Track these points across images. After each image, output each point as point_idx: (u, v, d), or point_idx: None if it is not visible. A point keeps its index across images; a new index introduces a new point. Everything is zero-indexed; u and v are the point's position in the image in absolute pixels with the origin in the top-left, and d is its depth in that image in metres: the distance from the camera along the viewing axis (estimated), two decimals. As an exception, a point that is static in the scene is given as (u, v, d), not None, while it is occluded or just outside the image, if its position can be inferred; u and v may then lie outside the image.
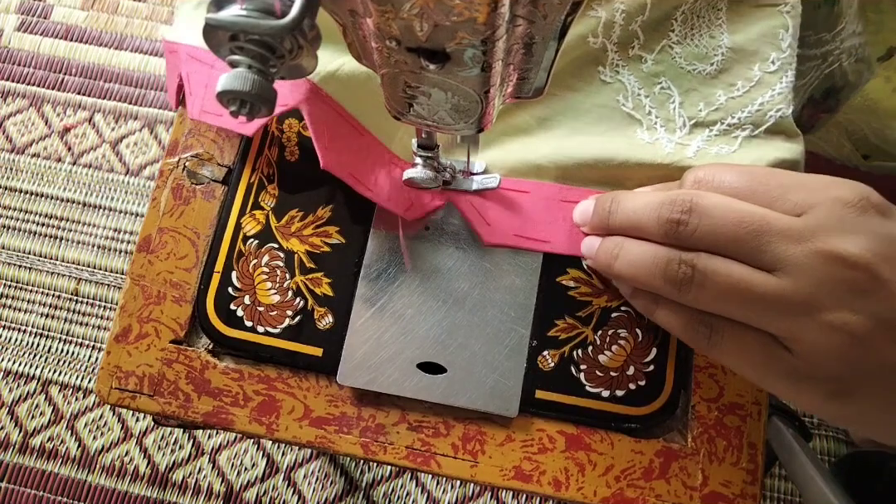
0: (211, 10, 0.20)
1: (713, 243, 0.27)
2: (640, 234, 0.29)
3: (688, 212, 0.27)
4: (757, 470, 0.31)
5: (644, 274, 0.28)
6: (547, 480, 0.31)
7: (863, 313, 0.24)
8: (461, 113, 0.24)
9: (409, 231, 0.34)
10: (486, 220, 0.34)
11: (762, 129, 0.33)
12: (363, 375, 0.32)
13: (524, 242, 0.33)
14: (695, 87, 0.34)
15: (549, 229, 0.33)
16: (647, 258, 0.28)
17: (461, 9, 0.17)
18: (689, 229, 0.27)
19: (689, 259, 0.27)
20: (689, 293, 0.27)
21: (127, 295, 0.34)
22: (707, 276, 0.26)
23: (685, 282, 0.27)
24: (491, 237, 0.33)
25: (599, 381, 0.32)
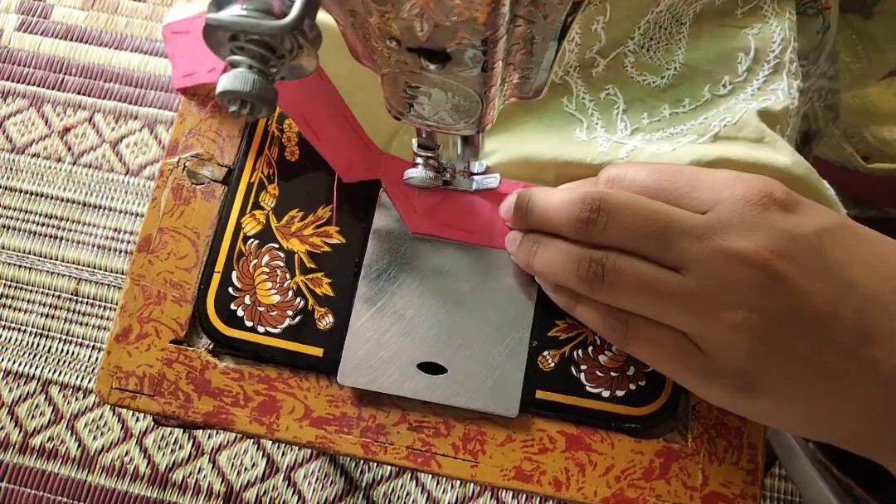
0: (211, 10, 0.20)
1: (621, 241, 0.27)
2: (554, 231, 0.30)
3: (596, 210, 0.27)
4: (757, 470, 0.31)
5: (559, 273, 0.29)
6: (547, 480, 0.31)
7: (764, 311, 0.25)
8: (461, 113, 0.24)
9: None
10: (414, 208, 0.33)
11: (705, 137, 0.33)
12: (363, 375, 0.32)
13: (450, 232, 0.33)
14: (641, 98, 0.34)
15: (475, 220, 0.33)
16: (561, 257, 0.29)
17: (461, 9, 0.17)
18: (597, 228, 0.27)
19: (599, 258, 0.27)
20: (601, 291, 0.28)
21: (127, 295, 0.34)
22: (616, 275, 0.27)
23: (596, 280, 0.27)
24: (418, 226, 0.33)
25: (600, 381, 0.32)
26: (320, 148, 0.33)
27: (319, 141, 0.33)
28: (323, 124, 0.33)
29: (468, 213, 0.34)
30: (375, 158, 0.34)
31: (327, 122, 0.33)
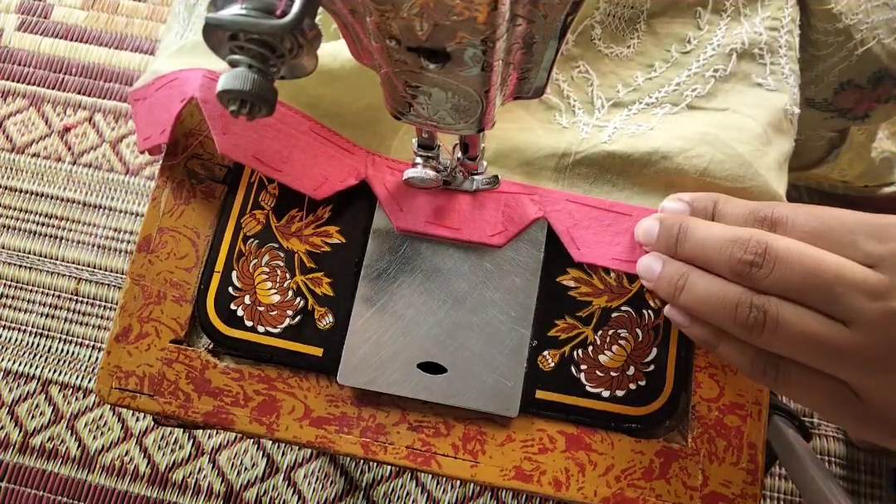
0: (211, 9, 0.20)
1: (786, 290, 0.26)
2: (707, 266, 0.29)
3: (762, 254, 0.26)
4: (757, 470, 0.31)
5: (711, 312, 0.28)
6: (547, 480, 0.31)
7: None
8: (461, 112, 0.24)
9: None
10: (400, 207, 0.33)
11: (680, 107, 0.34)
12: (363, 375, 0.32)
13: (435, 229, 0.33)
14: (612, 70, 0.35)
15: (461, 218, 0.33)
16: (716, 296, 0.28)
17: (461, 8, 0.17)
18: (762, 273, 0.26)
19: (761, 304, 0.27)
20: (760, 338, 0.27)
21: (127, 295, 0.34)
22: (779, 324, 0.26)
23: (757, 327, 0.27)
24: (406, 224, 0.33)
25: (600, 381, 0.32)
26: (282, 179, 0.33)
27: (280, 172, 0.33)
28: (279, 155, 0.33)
29: (455, 211, 0.33)
30: (360, 160, 0.34)
31: (284, 150, 0.33)
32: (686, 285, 0.29)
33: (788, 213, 0.28)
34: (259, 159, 0.32)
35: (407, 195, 0.34)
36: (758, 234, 0.27)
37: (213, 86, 0.32)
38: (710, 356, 0.33)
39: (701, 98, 0.34)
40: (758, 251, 0.27)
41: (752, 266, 0.27)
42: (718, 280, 0.28)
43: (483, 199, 0.34)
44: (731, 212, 0.30)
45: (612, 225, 0.33)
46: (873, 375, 0.26)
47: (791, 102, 0.34)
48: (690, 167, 0.32)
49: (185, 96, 0.32)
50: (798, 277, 0.26)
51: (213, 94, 0.32)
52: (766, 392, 0.32)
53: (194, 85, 0.32)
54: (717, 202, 0.31)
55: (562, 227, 0.33)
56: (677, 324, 0.31)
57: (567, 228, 0.33)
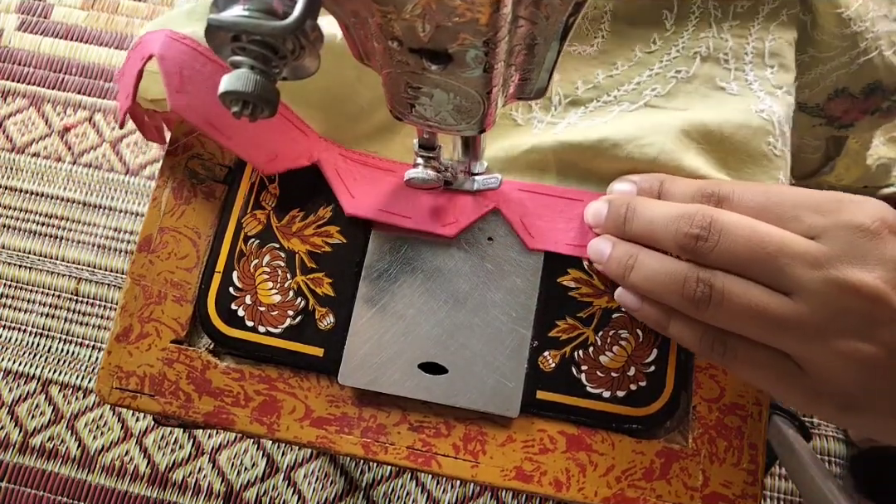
0: (213, 10, 0.20)
1: (731, 262, 0.27)
2: (655, 245, 0.29)
3: (707, 227, 0.27)
4: (758, 470, 0.31)
5: (660, 289, 0.29)
6: (548, 481, 0.31)
7: (874, 342, 0.25)
8: (463, 113, 0.24)
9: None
10: (351, 193, 0.33)
11: (638, 105, 0.34)
12: (364, 376, 0.32)
13: (385, 216, 0.33)
14: (575, 68, 0.35)
15: (412, 205, 0.33)
16: (664, 273, 0.28)
17: (463, 10, 0.17)
18: (707, 245, 0.27)
19: (707, 278, 0.27)
20: (706, 312, 0.27)
21: (128, 295, 0.34)
22: (725, 297, 0.27)
23: (703, 301, 0.27)
24: (355, 209, 0.33)
25: (600, 381, 0.32)
26: (232, 147, 0.32)
27: (231, 140, 0.32)
28: (231, 122, 0.32)
29: (405, 199, 0.33)
30: (314, 143, 0.34)
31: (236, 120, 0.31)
32: (635, 265, 0.29)
33: (734, 189, 0.29)
34: (212, 123, 0.32)
35: (357, 182, 0.33)
36: (703, 209, 0.27)
37: (174, 44, 0.31)
38: (710, 357, 0.33)
39: (660, 97, 0.34)
40: (703, 224, 0.27)
41: (697, 240, 0.27)
42: (666, 258, 0.29)
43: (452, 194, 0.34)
44: (677, 190, 0.30)
45: (564, 211, 0.33)
46: (814, 345, 0.26)
47: (756, 108, 0.33)
48: (640, 155, 0.32)
49: (145, 55, 0.31)
50: (743, 249, 0.26)
51: (172, 52, 0.31)
52: (766, 393, 0.32)
53: (156, 44, 0.31)
54: (663, 181, 0.31)
55: (514, 217, 0.33)
56: (627, 307, 0.31)
57: (520, 217, 0.33)
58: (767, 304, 0.26)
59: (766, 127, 0.32)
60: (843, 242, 0.25)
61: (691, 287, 0.27)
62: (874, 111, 0.42)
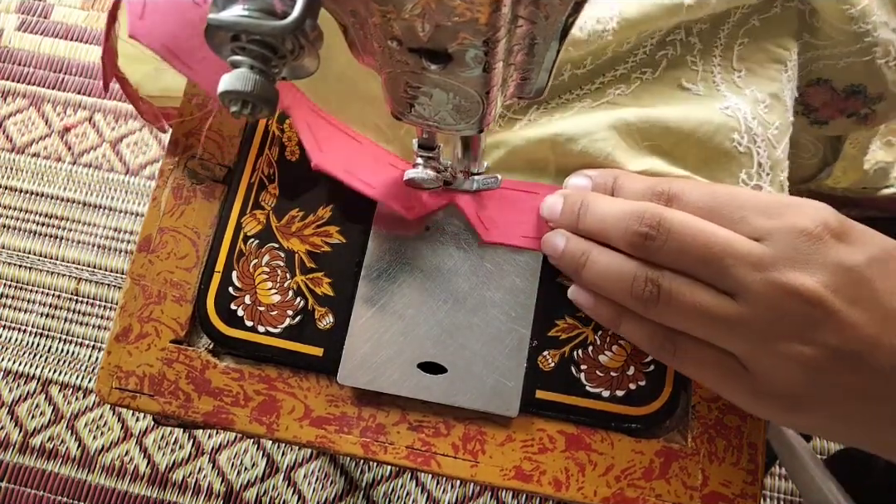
0: (213, 10, 0.20)
1: (679, 262, 0.27)
2: (606, 241, 0.30)
3: (655, 227, 0.27)
4: (757, 470, 0.31)
5: (611, 287, 0.29)
6: (547, 480, 0.31)
7: (815, 345, 0.26)
8: (462, 113, 0.24)
9: (410, 232, 0.34)
10: (320, 147, 0.32)
11: (600, 102, 0.34)
12: (364, 375, 0.32)
13: (349, 178, 0.32)
14: None
15: (379, 176, 0.33)
16: (614, 272, 0.29)
17: (463, 9, 0.17)
18: (655, 245, 0.27)
19: (655, 278, 0.28)
20: (654, 310, 0.28)
21: (127, 295, 0.34)
22: (672, 297, 0.27)
23: (652, 300, 0.28)
24: (323, 162, 0.32)
25: (600, 381, 0.32)
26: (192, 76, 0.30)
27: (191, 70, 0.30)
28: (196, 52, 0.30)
29: (374, 169, 0.33)
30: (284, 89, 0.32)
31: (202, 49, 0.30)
32: (587, 262, 0.30)
33: (685, 188, 0.29)
34: (172, 51, 0.30)
35: (329, 140, 0.33)
36: (652, 208, 0.28)
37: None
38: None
39: (624, 96, 0.34)
40: (651, 223, 0.27)
41: (646, 238, 0.27)
42: (618, 255, 0.29)
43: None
44: (630, 186, 0.31)
45: (518, 204, 0.34)
46: (758, 347, 0.26)
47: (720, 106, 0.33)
48: (595, 150, 0.32)
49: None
50: (689, 249, 0.27)
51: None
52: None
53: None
54: (617, 177, 0.31)
55: (470, 210, 0.33)
56: (581, 305, 0.32)
57: (475, 211, 0.33)
58: (712, 305, 0.27)
59: (730, 123, 0.32)
60: (785, 246, 0.26)
61: (640, 286, 0.28)
62: (851, 114, 0.42)
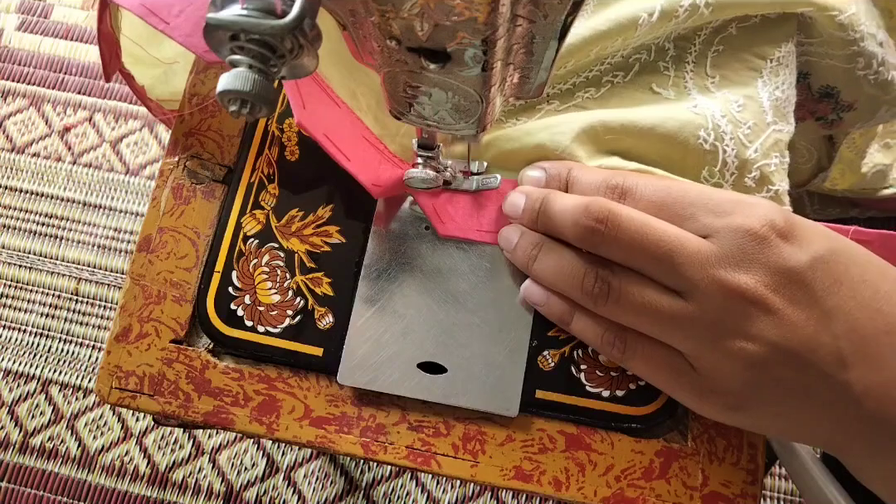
0: (211, 9, 0.20)
1: (627, 258, 0.28)
2: (558, 235, 0.30)
3: (603, 222, 0.27)
4: (757, 470, 0.31)
5: (561, 282, 0.29)
6: (547, 480, 0.31)
7: (756, 341, 0.26)
8: (462, 113, 0.24)
9: (410, 231, 0.34)
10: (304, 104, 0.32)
11: (567, 104, 0.34)
12: (364, 375, 0.32)
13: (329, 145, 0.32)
14: None
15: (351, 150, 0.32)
16: (566, 267, 0.29)
17: (462, 8, 0.17)
18: (603, 240, 0.28)
19: (605, 275, 0.28)
20: (605, 307, 0.28)
21: (127, 294, 0.34)
22: (621, 293, 0.28)
23: (601, 296, 0.28)
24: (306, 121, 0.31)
25: (600, 380, 0.32)
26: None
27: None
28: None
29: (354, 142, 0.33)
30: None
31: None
32: (539, 255, 0.30)
33: (638, 183, 0.29)
34: (149, 8, 0.30)
35: (315, 99, 0.32)
36: (602, 202, 0.28)
37: None
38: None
39: (593, 100, 0.34)
40: (600, 217, 0.27)
41: (593, 233, 0.28)
42: (569, 250, 0.29)
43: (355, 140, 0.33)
44: (584, 179, 0.31)
45: (476, 198, 0.34)
46: (703, 344, 0.27)
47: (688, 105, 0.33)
48: (552, 143, 0.32)
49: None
50: (638, 248, 0.27)
51: None
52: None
53: None
54: (570, 169, 0.31)
55: (427, 203, 0.33)
56: (533, 302, 0.32)
57: (432, 204, 0.33)
58: (661, 303, 0.27)
59: (697, 120, 0.32)
60: (731, 245, 0.26)
61: (590, 282, 0.28)
62: (819, 118, 0.42)
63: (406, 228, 0.34)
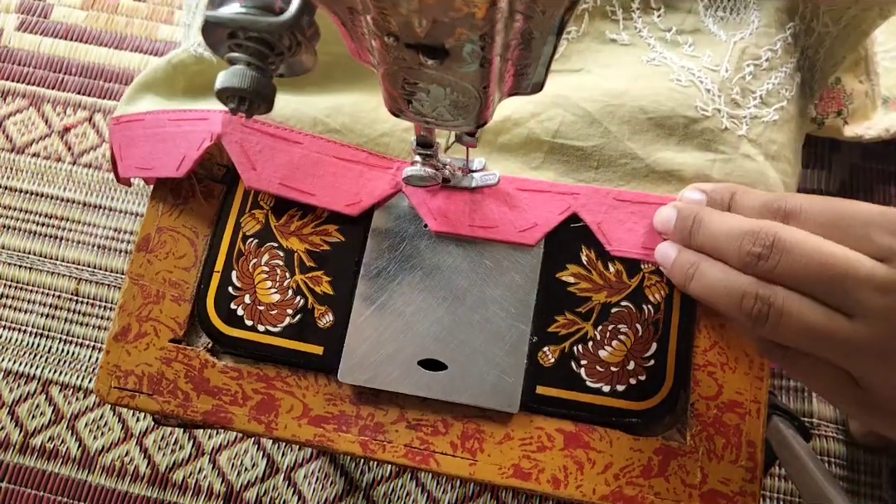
0: (210, 7, 0.20)
1: (793, 281, 0.27)
2: (719, 257, 0.29)
3: (769, 247, 0.27)
4: (756, 468, 0.31)
5: (719, 301, 0.29)
6: (546, 478, 0.31)
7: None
8: (460, 109, 0.24)
9: (409, 230, 0.34)
10: (253, 165, 0.33)
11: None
12: (364, 373, 0.32)
13: (287, 192, 0.33)
14: None
15: (316, 183, 0.34)
16: (723, 286, 0.28)
17: (460, 4, 0.17)
18: (769, 265, 0.27)
19: (766, 296, 0.27)
20: (765, 329, 0.27)
21: (126, 294, 0.34)
22: (783, 316, 0.26)
23: (760, 318, 0.27)
24: (257, 183, 0.33)
25: (600, 376, 0.32)
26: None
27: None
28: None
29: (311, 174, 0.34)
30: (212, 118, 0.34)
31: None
32: (696, 274, 0.29)
33: (802, 204, 0.28)
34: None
35: (262, 153, 0.34)
36: (767, 226, 0.27)
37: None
38: (709, 354, 0.33)
39: (555, 61, 0.34)
40: (765, 243, 0.27)
41: (759, 258, 0.27)
42: (728, 270, 0.28)
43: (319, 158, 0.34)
44: (746, 203, 0.30)
45: (474, 195, 0.34)
46: (875, 367, 0.26)
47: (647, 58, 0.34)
48: (542, 130, 0.33)
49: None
50: (804, 269, 0.26)
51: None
52: (764, 390, 0.32)
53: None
54: (734, 193, 0.31)
55: (418, 201, 0.34)
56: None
57: (424, 202, 0.34)
58: (826, 325, 0.26)
59: (689, 91, 0.32)
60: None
61: (749, 303, 0.27)
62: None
63: (405, 226, 0.34)
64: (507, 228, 0.33)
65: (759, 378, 0.32)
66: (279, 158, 0.34)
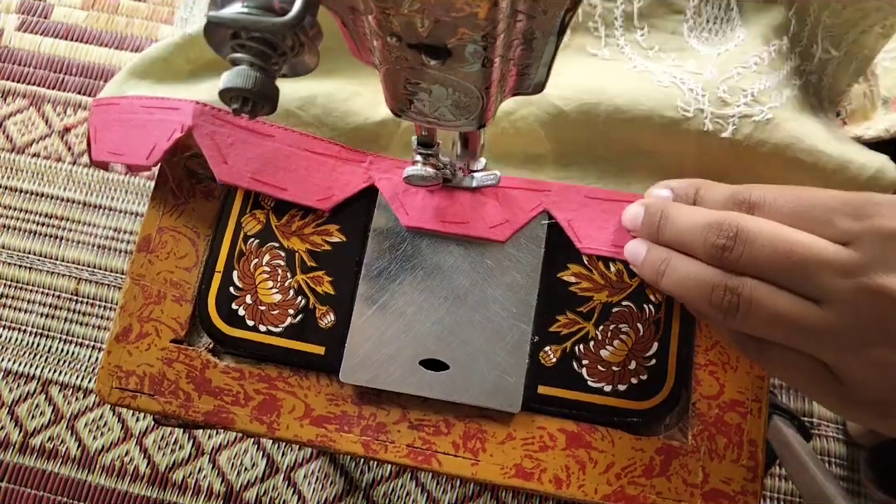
0: (212, 7, 0.20)
1: (759, 271, 0.27)
2: (686, 251, 0.29)
3: (733, 237, 0.27)
4: (757, 467, 0.31)
5: (690, 296, 0.29)
6: (548, 478, 0.31)
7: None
8: (462, 109, 0.24)
9: (410, 229, 0.34)
10: (225, 159, 0.33)
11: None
12: (366, 373, 0.32)
13: (260, 186, 0.34)
14: None
15: (288, 177, 0.34)
16: (693, 281, 0.28)
17: (462, 4, 0.17)
18: (734, 255, 0.27)
19: (735, 287, 0.27)
20: (735, 320, 0.27)
21: (127, 294, 0.34)
22: (752, 306, 0.26)
23: (731, 310, 0.27)
24: (228, 177, 0.33)
25: (601, 375, 0.32)
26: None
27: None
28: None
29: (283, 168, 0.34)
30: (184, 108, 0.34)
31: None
32: (667, 270, 0.30)
33: (766, 194, 0.28)
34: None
35: (233, 146, 0.34)
36: (730, 218, 0.27)
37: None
38: (710, 353, 0.33)
39: None
40: (729, 234, 0.27)
41: (724, 250, 0.27)
42: (697, 264, 0.29)
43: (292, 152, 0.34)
44: (711, 197, 0.30)
45: (473, 195, 0.34)
46: (847, 354, 0.26)
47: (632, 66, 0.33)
48: (515, 129, 0.33)
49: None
50: (769, 258, 0.26)
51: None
52: (765, 389, 0.32)
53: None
54: (699, 188, 0.31)
55: (391, 195, 0.34)
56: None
57: (397, 195, 0.34)
58: (796, 314, 0.26)
59: (670, 90, 0.32)
60: (875, 249, 0.25)
61: (719, 295, 0.27)
62: None
63: (403, 227, 0.34)
64: (477, 224, 0.33)
65: (760, 377, 0.32)
66: (251, 152, 0.34)
